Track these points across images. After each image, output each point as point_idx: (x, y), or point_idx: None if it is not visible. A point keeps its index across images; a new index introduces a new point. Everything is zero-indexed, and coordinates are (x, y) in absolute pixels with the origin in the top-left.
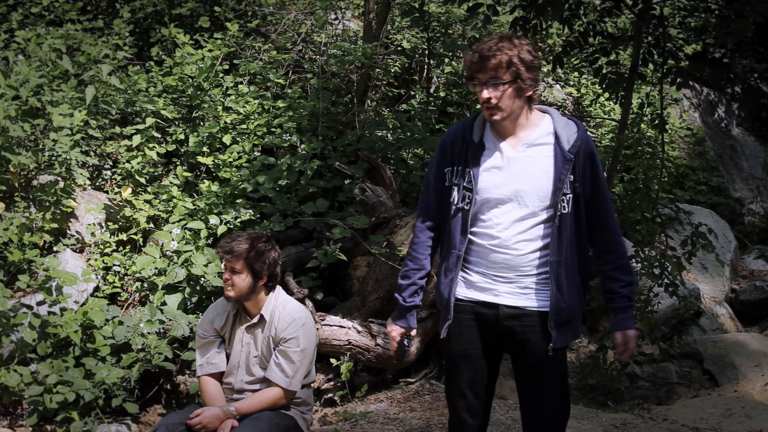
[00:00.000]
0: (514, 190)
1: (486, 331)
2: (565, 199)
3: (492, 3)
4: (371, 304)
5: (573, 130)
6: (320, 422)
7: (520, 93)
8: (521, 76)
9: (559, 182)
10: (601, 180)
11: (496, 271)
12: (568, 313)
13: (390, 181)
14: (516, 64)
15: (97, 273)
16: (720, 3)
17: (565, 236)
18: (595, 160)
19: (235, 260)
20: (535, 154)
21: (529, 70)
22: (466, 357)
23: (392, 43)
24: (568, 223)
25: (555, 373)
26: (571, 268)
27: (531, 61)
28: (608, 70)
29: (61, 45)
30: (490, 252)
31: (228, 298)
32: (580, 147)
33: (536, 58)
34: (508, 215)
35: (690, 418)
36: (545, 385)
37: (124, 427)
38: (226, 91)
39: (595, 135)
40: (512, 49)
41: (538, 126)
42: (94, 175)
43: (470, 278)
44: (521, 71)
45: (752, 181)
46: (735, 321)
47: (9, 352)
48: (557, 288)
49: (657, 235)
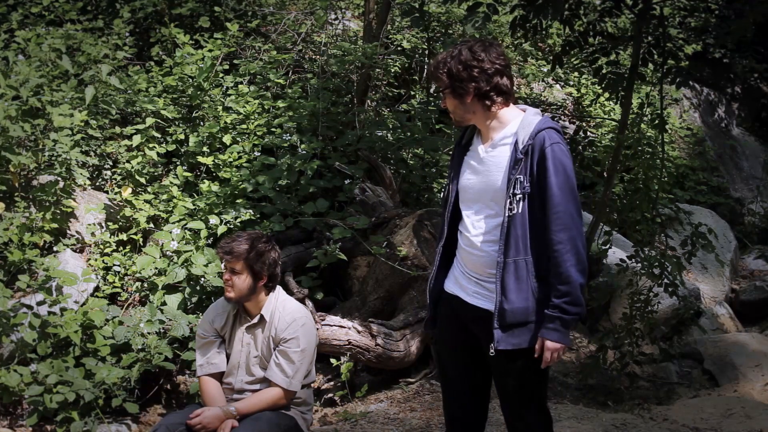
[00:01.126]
0: (480, 190)
1: (464, 327)
2: (515, 199)
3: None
4: (371, 304)
5: (530, 129)
6: (320, 422)
7: (462, 100)
8: (454, 87)
9: (508, 182)
10: (550, 182)
11: (469, 270)
12: (515, 316)
13: (390, 181)
14: (445, 79)
15: (97, 273)
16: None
17: (515, 237)
18: (546, 161)
19: (235, 261)
20: (497, 155)
21: (457, 80)
22: (449, 351)
23: (392, 43)
24: (520, 223)
25: (516, 376)
26: (524, 270)
27: (459, 72)
28: (608, 70)
29: (61, 45)
30: (464, 251)
31: (228, 299)
32: (533, 146)
33: (467, 66)
34: (477, 215)
35: (690, 418)
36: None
37: (124, 427)
38: (226, 91)
39: (595, 135)
40: (448, 62)
41: (506, 126)
42: (94, 175)
43: (455, 273)
44: (453, 83)
45: (752, 181)
46: (735, 321)
47: (9, 352)
48: (501, 289)
49: (657, 235)
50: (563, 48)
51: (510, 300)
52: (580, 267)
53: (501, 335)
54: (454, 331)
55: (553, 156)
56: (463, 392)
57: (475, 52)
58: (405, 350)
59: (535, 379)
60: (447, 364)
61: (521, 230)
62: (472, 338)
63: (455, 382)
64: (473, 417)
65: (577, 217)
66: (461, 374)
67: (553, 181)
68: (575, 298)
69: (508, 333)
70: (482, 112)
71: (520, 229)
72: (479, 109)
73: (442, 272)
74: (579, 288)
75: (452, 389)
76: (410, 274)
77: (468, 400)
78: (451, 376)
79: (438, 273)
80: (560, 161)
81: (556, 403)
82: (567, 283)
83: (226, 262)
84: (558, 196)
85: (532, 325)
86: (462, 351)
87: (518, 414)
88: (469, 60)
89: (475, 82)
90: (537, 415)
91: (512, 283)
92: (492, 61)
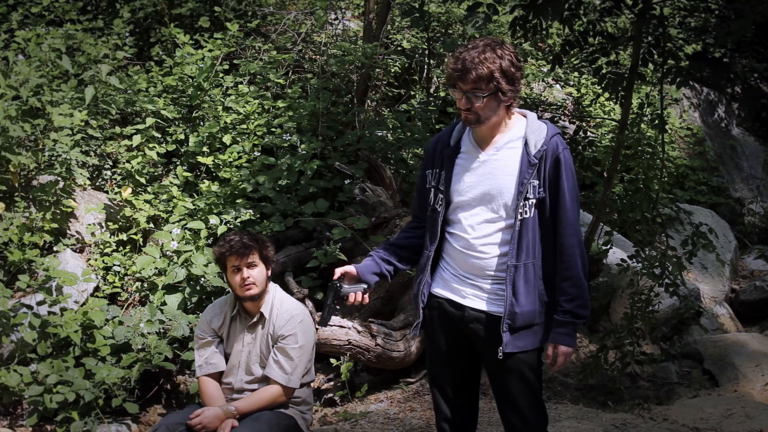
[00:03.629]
0: (481, 193)
1: (455, 330)
2: (528, 203)
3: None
4: (371, 304)
5: (542, 134)
6: (320, 422)
7: (500, 103)
8: (502, 89)
9: (521, 186)
10: (563, 187)
11: (464, 273)
12: (524, 318)
13: (390, 181)
14: (497, 78)
15: (97, 273)
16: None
17: (527, 241)
18: (560, 166)
19: (251, 254)
20: (503, 158)
21: (509, 83)
22: (440, 354)
23: (392, 43)
24: (531, 227)
25: (519, 378)
26: (532, 273)
27: (513, 74)
28: (608, 70)
29: (61, 45)
30: (460, 254)
31: (252, 296)
32: (546, 152)
33: (518, 68)
34: (477, 218)
35: (690, 418)
36: (509, 389)
37: (124, 427)
38: (226, 91)
39: (595, 135)
40: (495, 61)
41: (511, 129)
42: (94, 175)
43: (444, 276)
44: (502, 84)
45: (752, 181)
46: (735, 321)
47: (9, 352)
48: (512, 292)
49: (657, 235)
50: (563, 48)
51: (520, 303)
52: (585, 270)
53: (509, 338)
54: (444, 334)
55: (566, 161)
56: (454, 394)
57: (516, 55)
58: (405, 350)
59: (535, 379)
60: (437, 366)
61: (532, 234)
62: (463, 340)
63: (445, 384)
64: (465, 417)
65: (578, 221)
66: (451, 376)
67: (566, 186)
68: (585, 301)
69: (515, 336)
70: (503, 114)
71: (531, 234)
72: (502, 112)
73: (429, 276)
74: (587, 290)
75: (443, 391)
76: (410, 274)
77: (459, 400)
78: (441, 377)
79: (426, 277)
80: (570, 167)
81: (556, 403)
82: (578, 287)
83: (241, 261)
84: (569, 202)
85: (537, 327)
86: (452, 353)
87: (519, 414)
88: (517, 62)
89: (518, 85)
90: (536, 414)
91: (522, 287)
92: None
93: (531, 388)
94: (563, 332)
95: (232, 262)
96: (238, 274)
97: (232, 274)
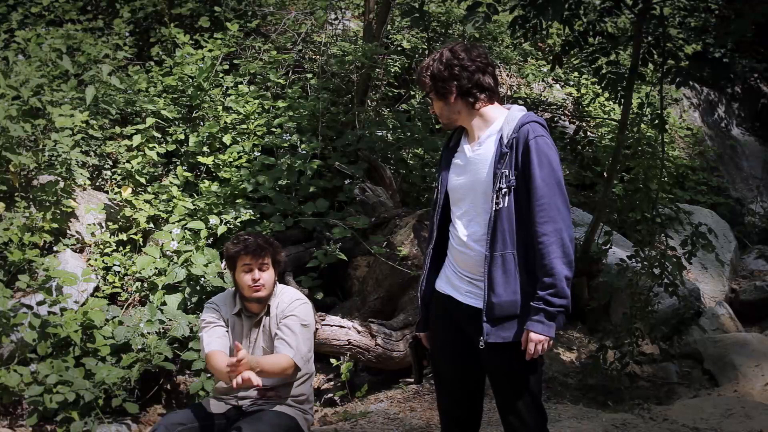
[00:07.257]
0: (468, 189)
1: (456, 326)
2: (501, 193)
3: (492, 2)
4: (371, 304)
5: (513, 123)
6: (320, 422)
7: (446, 99)
8: (438, 91)
9: (494, 177)
10: (534, 175)
11: (462, 270)
12: (503, 309)
13: (390, 181)
14: (429, 84)
15: (97, 273)
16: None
17: (502, 231)
18: (530, 153)
19: (265, 256)
20: (483, 152)
21: (442, 82)
22: (443, 350)
23: (392, 43)
24: (506, 217)
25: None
26: (512, 263)
27: (441, 72)
28: (608, 70)
29: (61, 45)
30: (456, 250)
31: (260, 298)
32: (517, 140)
33: (449, 67)
34: (467, 214)
35: (690, 418)
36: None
37: (124, 427)
38: (226, 91)
39: (595, 135)
40: (430, 66)
41: (492, 124)
42: (94, 175)
43: (447, 273)
44: (437, 86)
45: (752, 181)
46: (735, 321)
47: (9, 352)
48: (489, 283)
49: (657, 235)
50: (563, 48)
51: (497, 294)
52: (566, 260)
53: (490, 328)
54: (447, 331)
55: (537, 148)
56: (457, 391)
57: (456, 52)
58: (405, 350)
59: (525, 373)
60: (441, 364)
61: (508, 224)
62: (465, 337)
63: (449, 382)
64: (469, 415)
65: (563, 210)
66: (455, 373)
67: (537, 173)
68: (560, 290)
69: (497, 326)
70: (467, 110)
71: (506, 223)
72: (464, 108)
73: (433, 273)
74: (564, 280)
75: (447, 389)
76: (410, 273)
77: (462, 399)
78: (445, 375)
79: (429, 275)
80: (545, 154)
81: (556, 403)
82: (551, 276)
83: (254, 262)
84: (542, 188)
85: (522, 318)
86: (455, 350)
87: (512, 408)
88: (450, 59)
89: (457, 80)
90: (531, 411)
91: (499, 277)
92: (473, 59)
93: (521, 381)
94: (535, 319)
95: (245, 261)
96: (249, 274)
97: (243, 273)
